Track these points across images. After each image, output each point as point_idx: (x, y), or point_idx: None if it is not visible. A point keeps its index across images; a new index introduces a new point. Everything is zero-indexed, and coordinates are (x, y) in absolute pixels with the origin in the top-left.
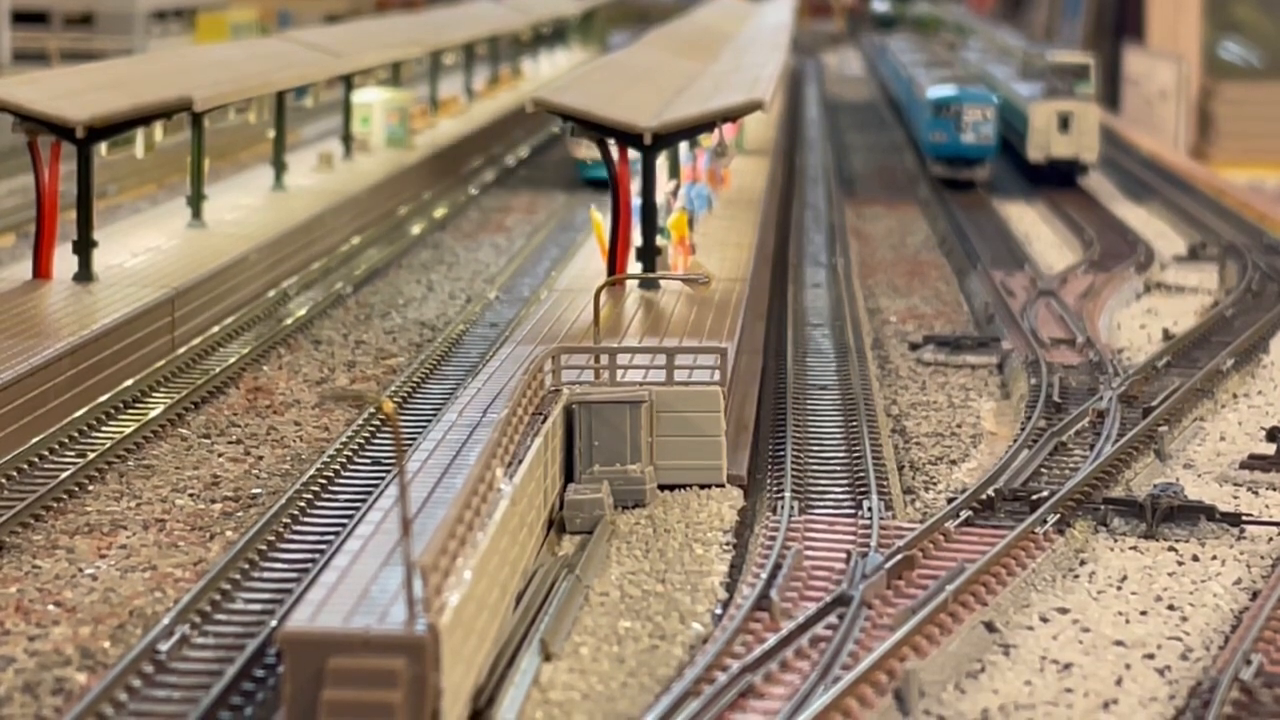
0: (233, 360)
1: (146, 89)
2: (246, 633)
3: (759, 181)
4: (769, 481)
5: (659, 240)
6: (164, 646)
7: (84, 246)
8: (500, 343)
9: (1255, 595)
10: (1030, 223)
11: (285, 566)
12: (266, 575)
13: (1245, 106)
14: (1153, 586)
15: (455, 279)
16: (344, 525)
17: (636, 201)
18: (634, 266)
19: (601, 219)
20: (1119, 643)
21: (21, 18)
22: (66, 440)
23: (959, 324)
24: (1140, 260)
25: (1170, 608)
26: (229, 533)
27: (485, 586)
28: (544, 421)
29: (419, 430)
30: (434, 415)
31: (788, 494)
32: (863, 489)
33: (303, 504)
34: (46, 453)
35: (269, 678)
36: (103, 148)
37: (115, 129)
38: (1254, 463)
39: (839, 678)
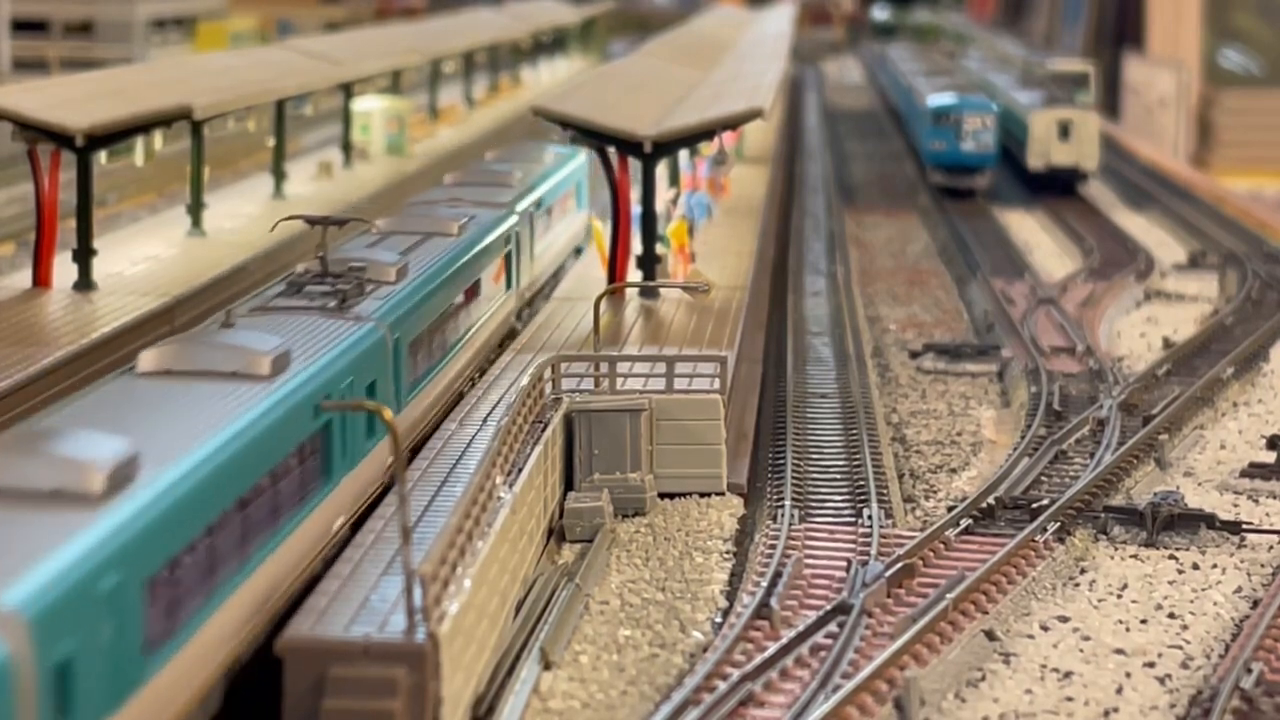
0: None
1: (146, 97)
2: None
3: (759, 190)
4: (769, 490)
5: (659, 248)
6: None
7: (84, 255)
8: (500, 351)
9: (1256, 603)
10: (1030, 231)
11: None
12: None
13: (1245, 115)
14: (1153, 595)
15: None
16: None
17: (636, 209)
18: (634, 275)
19: (601, 227)
20: (1119, 651)
21: (21, 26)
22: None
23: (959, 332)
24: (1140, 268)
25: (1171, 616)
26: None
27: (485, 595)
28: (544, 430)
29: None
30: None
31: (788, 502)
32: (863, 497)
33: None
34: None
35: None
36: (102, 156)
37: (115, 137)
38: (1254, 471)
39: (839, 686)
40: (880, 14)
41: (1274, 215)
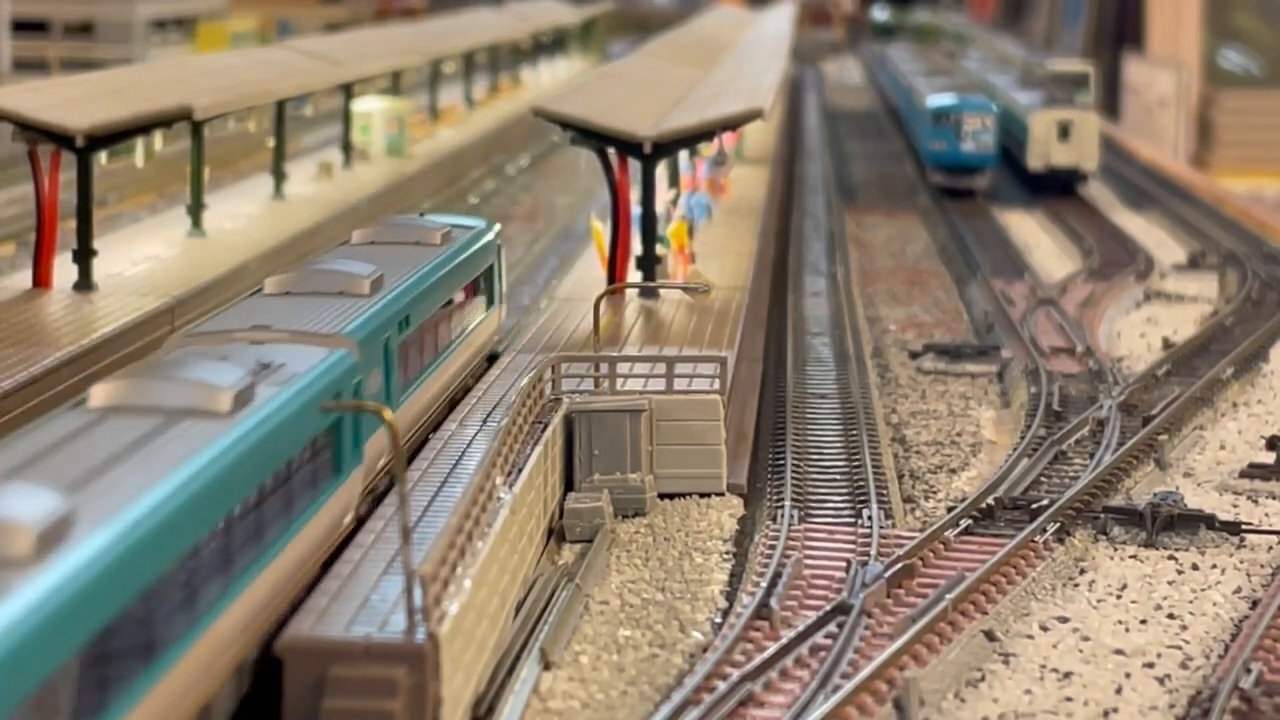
0: None
1: (146, 98)
2: None
3: (759, 190)
4: (769, 490)
5: (659, 249)
6: None
7: (84, 255)
8: (500, 351)
9: (1255, 604)
10: (1030, 231)
11: None
12: None
13: (1245, 115)
14: (1153, 595)
15: None
16: None
17: (636, 210)
18: (634, 275)
19: (601, 228)
20: (1119, 651)
21: (21, 26)
22: None
23: (959, 332)
24: (1140, 269)
25: (1170, 616)
26: None
27: (485, 595)
28: (544, 430)
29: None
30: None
31: (787, 502)
32: (862, 497)
33: None
34: None
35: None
36: (102, 156)
37: (115, 138)
38: (1254, 471)
39: (839, 686)
40: (880, 14)
41: (1274, 216)
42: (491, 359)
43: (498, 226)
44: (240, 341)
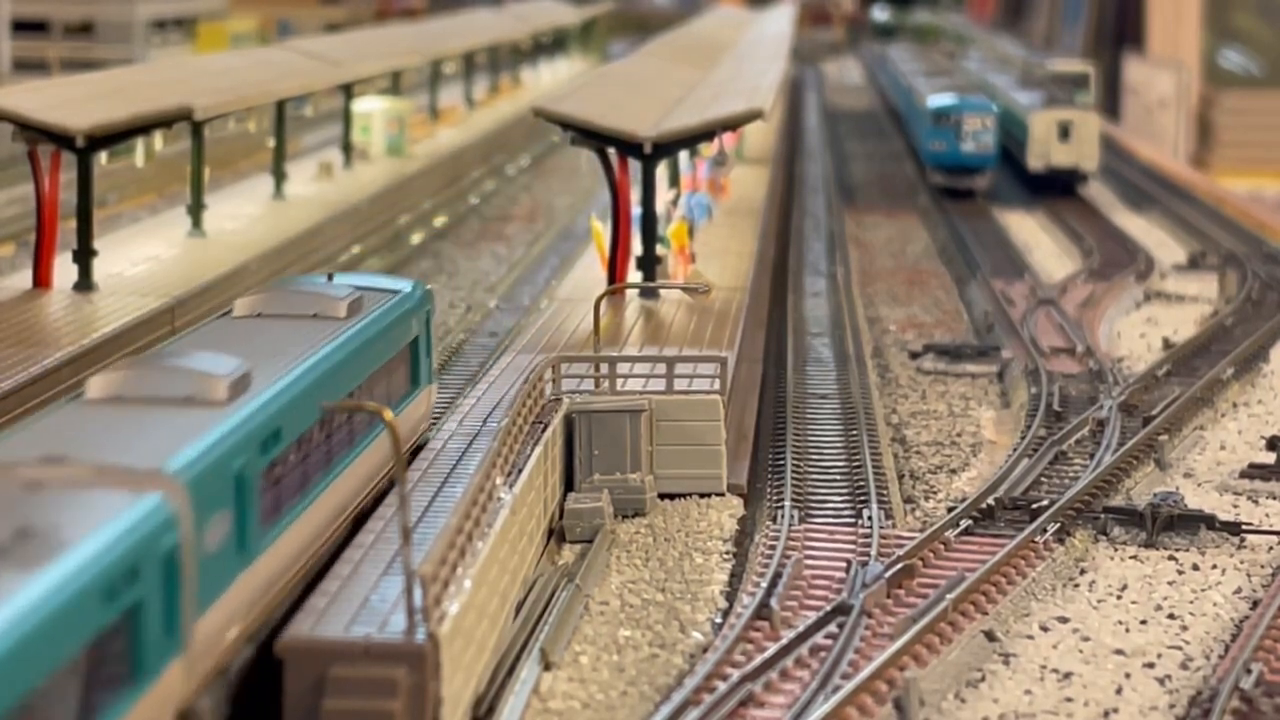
0: None
1: (146, 98)
2: None
3: (759, 190)
4: (769, 490)
5: (659, 249)
6: None
7: (84, 255)
8: (500, 352)
9: (1255, 604)
10: (1030, 231)
11: None
12: None
13: (1245, 115)
14: (1153, 595)
15: (455, 288)
16: None
17: (636, 210)
18: (634, 275)
19: (602, 228)
20: (1119, 652)
21: (21, 26)
22: None
23: (959, 333)
24: (1140, 269)
25: (1170, 616)
26: None
27: (485, 595)
28: (544, 430)
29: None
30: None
31: (788, 503)
32: (863, 498)
33: None
34: None
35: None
36: (103, 157)
37: (115, 138)
38: (1254, 471)
39: (839, 687)
40: (880, 14)
41: (1274, 216)
42: (418, 450)
43: (428, 288)
44: (15, 483)
